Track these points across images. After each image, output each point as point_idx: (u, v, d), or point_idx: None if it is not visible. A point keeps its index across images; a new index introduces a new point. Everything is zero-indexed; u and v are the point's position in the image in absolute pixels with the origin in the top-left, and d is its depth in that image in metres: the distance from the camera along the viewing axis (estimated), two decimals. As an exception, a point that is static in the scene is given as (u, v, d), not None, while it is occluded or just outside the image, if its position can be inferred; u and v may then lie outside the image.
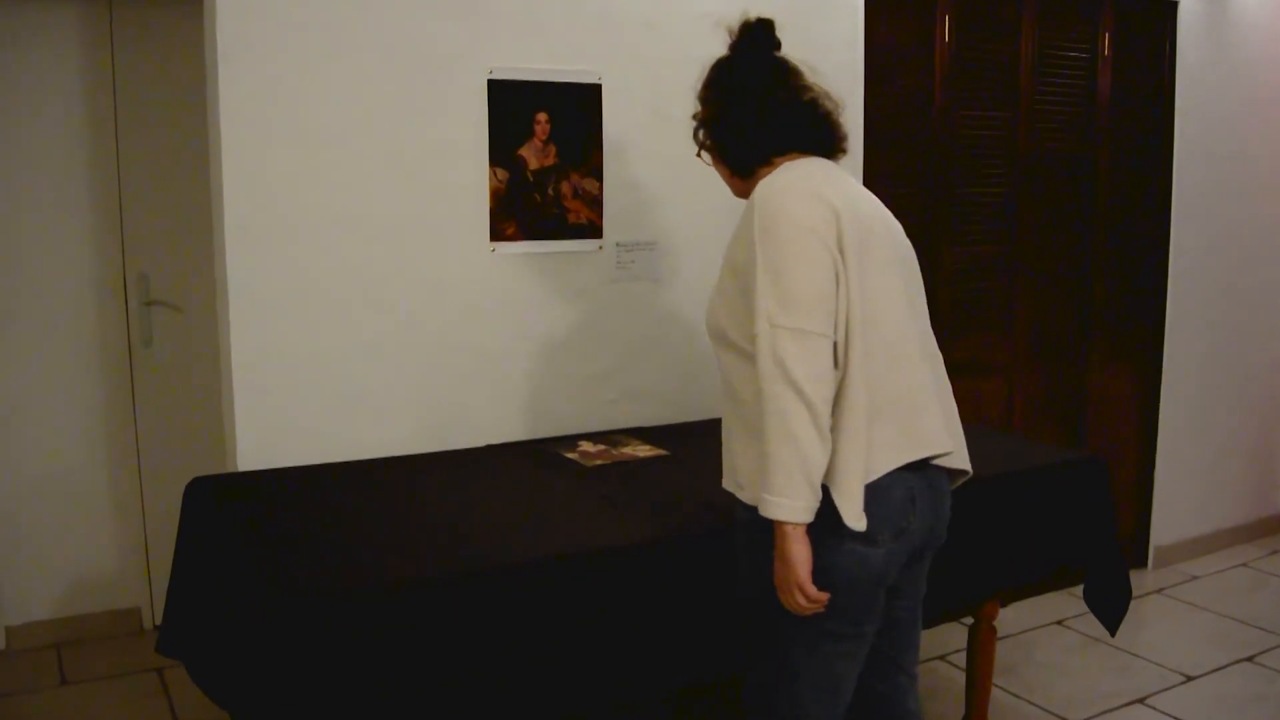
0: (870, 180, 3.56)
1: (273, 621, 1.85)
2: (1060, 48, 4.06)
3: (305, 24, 2.65)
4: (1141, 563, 4.55)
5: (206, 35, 2.64)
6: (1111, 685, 3.50)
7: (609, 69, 3.00)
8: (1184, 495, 4.60)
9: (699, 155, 2.17)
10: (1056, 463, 2.87)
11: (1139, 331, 4.45)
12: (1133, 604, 2.88)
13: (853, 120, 3.42)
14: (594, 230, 3.07)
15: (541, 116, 2.95)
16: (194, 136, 2.70)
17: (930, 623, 2.91)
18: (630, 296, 3.14)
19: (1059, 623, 3.98)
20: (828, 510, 1.84)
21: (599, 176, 3.05)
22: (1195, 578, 4.48)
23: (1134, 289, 4.41)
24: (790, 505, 1.80)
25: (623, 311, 3.14)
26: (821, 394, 1.81)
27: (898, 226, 2.06)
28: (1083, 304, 4.30)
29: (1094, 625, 3.76)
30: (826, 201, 1.88)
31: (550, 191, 2.99)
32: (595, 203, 3.06)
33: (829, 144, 2.09)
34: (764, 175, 2.00)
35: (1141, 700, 3.40)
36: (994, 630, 2.91)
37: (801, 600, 1.85)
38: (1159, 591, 4.34)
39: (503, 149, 2.91)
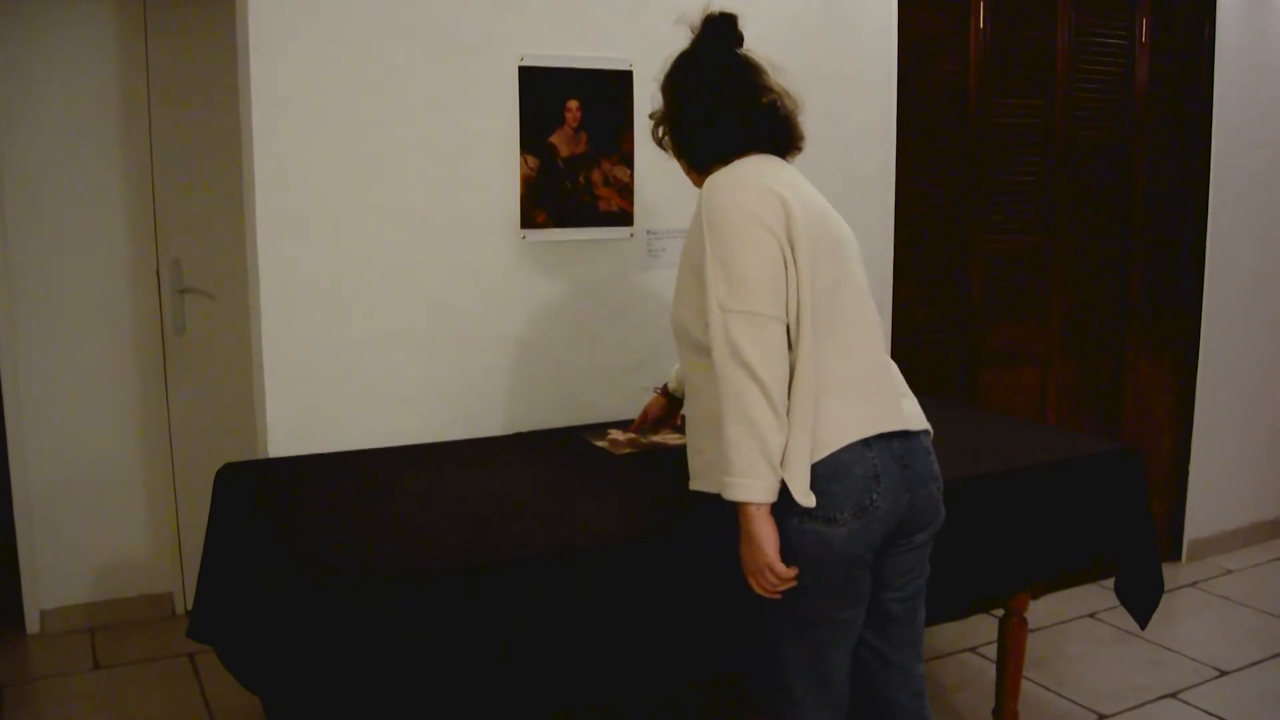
0: (903, 168, 3.54)
1: (301, 608, 1.85)
2: (1097, 34, 4.01)
3: (336, 12, 2.64)
4: (1175, 556, 4.50)
5: (238, 23, 2.64)
6: (1144, 679, 3.46)
7: (641, 56, 2.98)
8: (1219, 488, 4.54)
9: (659, 145, 2.19)
10: (1090, 454, 2.82)
11: (1175, 322, 4.40)
12: (1166, 597, 2.85)
13: (885, 108, 3.45)
14: (625, 218, 3.06)
15: (573, 104, 2.93)
16: (227, 122, 2.71)
17: (959, 614, 2.92)
18: (661, 284, 3.12)
19: (1091, 615, 3.95)
20: (784, 490, 1.86)
21: (630, 164, 3.04)
22: (1230, 571, 4.43)
23: (1171, 279, 4.36)
24: (751, 485, 1.83)
25: (654, 300, 3.12)
26: (775, 375, 1.84)
27: (841, 218, 2.07)
28: (1118, 293, 4.26)
29: (1127, 619, 3.78)
30: (773, 192, 1.92)
31: (581, 179, 2.98)
32: (626, 190, 3.04)
33: (786, 144, 2.11)
34: (717, 170, 2.03)
35: (1174, 695, 3.37)
36: (1025, 622, 2.88)
37: (772, 579, 1.87)
38: (1193, 585, 4.29)
39: (534, 136, 2.90)
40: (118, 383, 3.71)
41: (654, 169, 3.04)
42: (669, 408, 2.72)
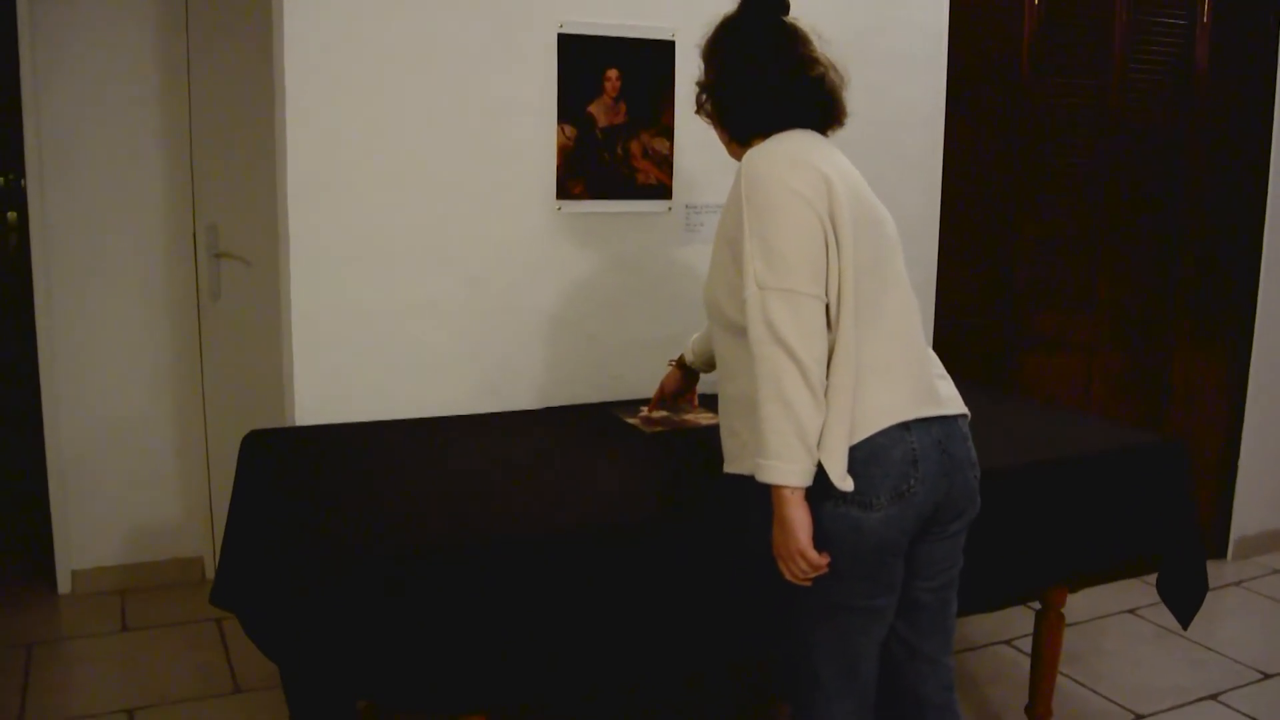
0: (951, 149, 3.46)
1: (321, 579, 1.84)
2: (1156, 13, 3.89)
3: (374, -26, 2.60)
4: (1221, 554, 4.39)
5: (273, -14, 2.60)
6: (1183, 679, 3.38)
7: (684, 25, 2.91)
8: (1269, 484, 4.42)
9: (697, 113, 2.13)
10: (1133, 445, 2.75)
11: (1228, 314, 4.28)
12: (1210, 596, 2.77)
13: (934, 84, 3.36)
14: (663, 191, 3.00)
15: (612, 73, 2.88)
16: (268, 85, 2.68)
17: (993, 606, 2.85)
18: (698, 260, 3.06)
19: (1131, 611, 3.86)
20: (819, 474, 1.81)
21: (670, 136, 2.97)
22: (1277, 571, 4.32)
23: (1224, 269, 4.24)
24: (786, 469, 1.78)
25: (690, 275, 3.06)
26: (814, 354, 1.78)
27: (878, 200, 2.02)
28: (1169, 283, 4.14)
29: (1168, 616, 3.61)
30: (815, 168, 1.86)
31: (619, 150, 2.92)
32: (665, 163, 2.99)
33: (829, 119, 2.04)
34: (757, 144, 1.97)
35: (1214, 696, 3.28)
36: (1062, 617, 2.81)
37: (804, 565, 1.82)
38: (1238, 584, 4.19)
39: (572, 105, 2.84)
40: (152, 346, 3.71)
41: (694, 142, 2.98)
42: (685, 381, 2.68)
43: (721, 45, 2.06)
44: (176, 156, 3.64)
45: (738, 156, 2.06)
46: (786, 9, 2.05)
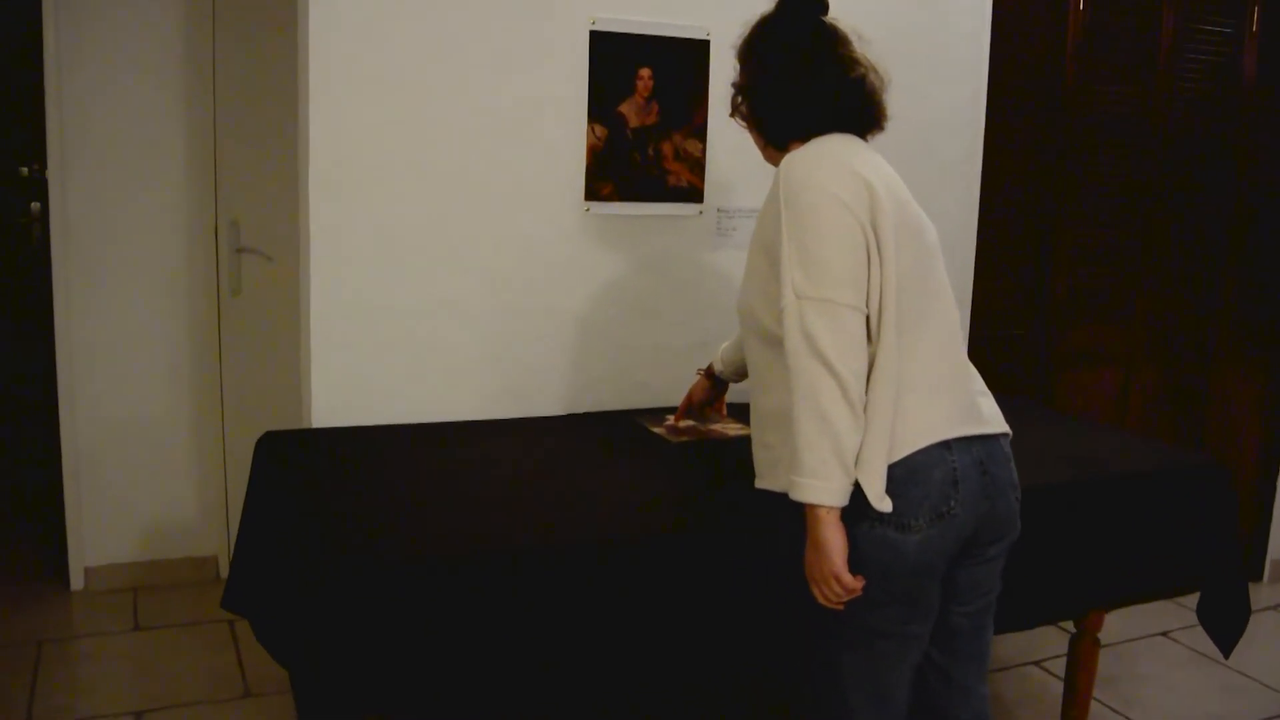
0: (989, 155, 3.38)
1: (334, 585, 1.79)
2: (1203, 21, 3.79)
3: (402, -34, 2.54)
4: (1257, 576, 4.29)
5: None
6: (1218, 706, 3.28)
7: (718, 24, 2.84)
8: (1308, 506, 4.31)
9: (732, 116, 2.05)
10: (1177, 466, 2.67)
11: (1267, 329, 4.18)
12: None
13: (975, 89, 3.28)
14: (695, 194, 2.93)
15: (645, 72, 2.80)
16: (292, 81, 2.64)
17: (1028, 625, 2.75)
18: (729, 265, 2.99)
19: (1165, 634, 3.76)
20: (856, 492, 1.74)
21: (703, 138, 2.90)
22: (1316, 595, 4.21)
23: (1266, 285, 4.14)
24: (822, 487, 1.71)
25: (721, 281, 2.99)
26: (853, 368, 1.71)
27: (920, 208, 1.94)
28: (1210, 297, 4.05)
29: (1202, 640, 3.54)
30: (857, 173, 1.79)
31: (650, 151, 2.85)
32: (697, 165, 2.91)
33: (870, 123, 1.96)
34: (795, 148, 1.89)
35: (1252, 725, 3.18)
36: (1097, 643, 2.73)
37: (837, 589, 1.74)
38: (1275, 608, 4.08)
39: (602, 105, 2.78)
40: (171, 342, 3.67)
41: (728, 144, 2.91)
42: (713, 391, 2.62)
43: (759, 46, 1.99)
44: (200, 150, 3.59)
45: (774, 161, 1.99)
46: (826, 8, 1.98)
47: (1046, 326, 3.75)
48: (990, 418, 1.91)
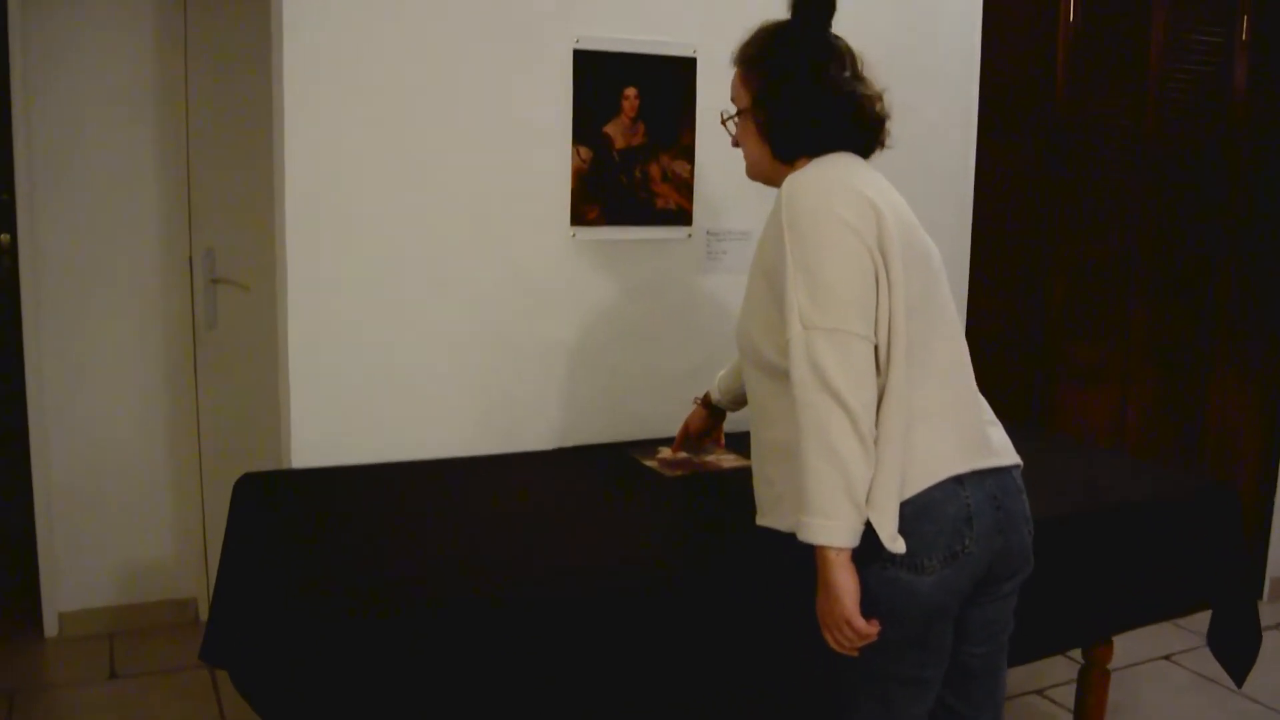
0: (982, 171, 3.31)
1: (316, 637, 1.72)
2: (1192, 30, 3.74)
3: (376, -12, 2.46)
4: (1257, 594, 4.21)
5: (272, 1, 2.46)
6: (1229, 732, 3.21)
7: (705, 42, 2.77)
8: (1309, 521, 4.25)
9: (725, 123, 1.97)
10: (1184, 491, 2.61)
11: (1265, 343, 4.13)
12: None
13: (966, 102, 3.21)
14: (683, 217, 2.85)
15: (630, 92, 2.73)
16: (267, 104, 2.56)
17: (1034, 658, 2.68)
18: (721, 289, 2.92)
19: (1167, 658, 3.69)
20: (866, 532, 1.65)
21: (691, 159, 2.82)
22: (1320, 612, 4.15)
23: (1262, 297, 4.09)
24: (832, 527, 1.62)
25: (712, 306, 2.92)
26: (863, 401, 1.63)
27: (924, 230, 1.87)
28: (1205, 311, 4.00)
29: (1206, 663, 3.47)
30: (864, 197, 1.71)
31: (637, 173, 2.77)
32: (686, 187, 2.83)
33: (876, 142, 1.89)
34: (799, 167, 1.82)
35: (1264, 752, 3.11)
36: (1107, 674, 2.67)
37: (850, 635, 1.66)
38: (1277, 626, 4.01)
39: (587, 126, 2.69)
40: (145, 377, 3.56)
41: (716, 165, 2.84)
42: (711, 420, 2.53)
43: (777, 54, 1.88)
44: (173, 178, 3.50)
45: (763, 178, 1.93)
46: (832, 14, 1.90)
47: (1043, 342, 3.68)
48: (1001, 448, 1.84)
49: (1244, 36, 3.82)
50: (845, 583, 1.64)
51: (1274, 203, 4.04)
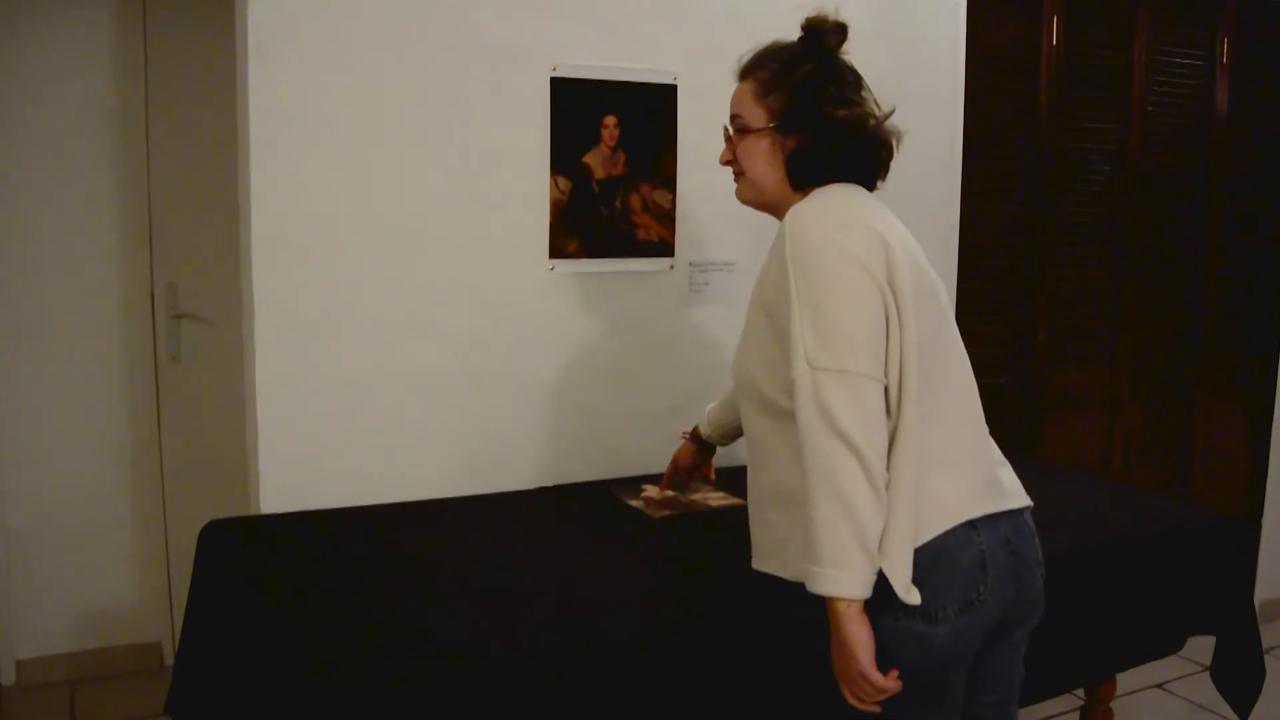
0: (968, 195, 3.25)
1: (287, 695, 1.65)
2: (1174, 52, 3.72)
3: (346, 15, 2.37)
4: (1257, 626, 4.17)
5: (237, 27, 2.37)
6: (1226, 764, 3.14)
7: (686, 68, 2.71)
8: (1295, 546, 4.22)
9: (729, 139, 1.87)
10: (1184, 523, 2.55)
11: (1249, 367, 4.10)
12: None
13: (951, 127, 3.14)
14: (665, 248, 2.77)
15: (610, 120, 2.65)
16: (233, 134, 2.47)
17: (1034, 700, 2.61)
18: (705, 322, 2.85)
19: (1159, 686, 3.62)
20: (877, 582, 1.58)
21: (672, 188, 2.75)
22: (1308, 637, 4.10)
23: (1246, 321, 4.07)
24: (844, 578, 1.54)
25: (695, 339, 2.84)
26: (875, 445, 1.55)
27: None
28: (1191, 336, 3.97)
29: (1199, 690, 3.49)
30: (873, 230, 1.64)
31: (618, 204, 2.69)
32: (667, 217, 2.76)
33: (882, 172, 1.83)
34: (805, 195, 1.75)
35: (1262, 785, 3.04)
36: (1111, 713, 2.59)
37: (869, 690, 1.58)
38: (1266, 651, 3.95)
39: (566, 156, 2.62)
40: (106, 414, 3.45)
41: (698, 194, 2.77)
42: (700, 455, 2.44)
43: (801, 76, 1.78)
44: (133, 209, 3.40)
45: (763, 203, 1.84)
46: (846, 38, 1.83)
47: (1030, 371, 3.63)
48: (1012, 490, 1.77)
49: (1224, 59, 3.79)
50: (859, 636, 1.56)
51: (1255, 225, 4.02)
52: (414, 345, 2.54)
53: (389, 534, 2.30)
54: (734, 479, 2.58)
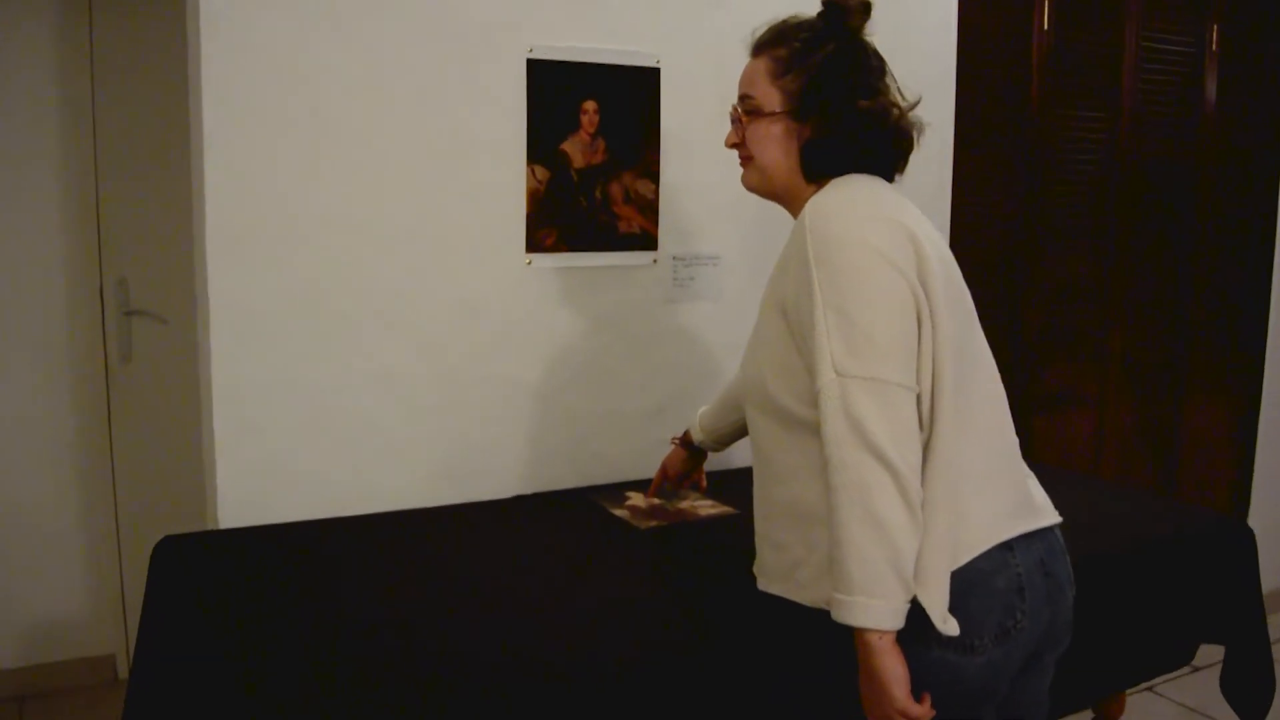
0: (957, 186, 3.14)
1: None
2: (1162, 40, 3.62)
3: (306, -8, 2.22)
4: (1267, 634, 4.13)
5: (188, 6, 2.21)
6: (1222, 768, 3.07)
7: (670, 50, 2.58)
8: (1281, 544, 4.16)
9: (736, 120, 1.72)
10: (1192, 530, 2.45)
11: (1239, 363, 4.03)
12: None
13: (943, 115, 3.02)
14: (648, 241, 2.64)
15: (589, 105, 2.51)
16: (184, 121, 2.33)
17: None
18: (690, 319, 2.73)
19: (1149, 689, 3.55)
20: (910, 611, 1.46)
21: (655, 178, 2.62)
22: (1296, 634, 4.05)
23: (1235, 315, 4.00)
24: (877, 608, 1.42)
25: (680, 337, 2.72)
26: (910, 461, 1.43)
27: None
28: (1180, 330, 3.89)
29: (1189, 693, 3.44)
30: (901, 225, 1.52)
31: (598, 194, 2.56)
32: (650, 208, 2.62)
33: (903, 162, 1.71)
34: (820, 187, 1.61)
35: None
36: (1119, 731, 2.48)
37: None
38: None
39: (543, 143, 2.48)
40: (53, 418, 3.30)
41: (683, 184, 2.64)
42: (691, 461, 2.31)
43: (823, 58, 1.65)
44: (80, 200, 3.24)
45: (771, 191, 1.71)
46: (868, 18, 1.71)
47: (1018, 368, 3.53)
48: (1043, 506, 1.66)
49: (1214, 46, 3.71)
50: (893, 669, 1.43)
51: (1245, 222, 3.95)
52: (383, 345, 2.39)
53: (358, 550, 2.15)
54: (724, 485, 2.47)
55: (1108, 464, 3.80)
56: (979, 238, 3.34)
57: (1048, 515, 1.65)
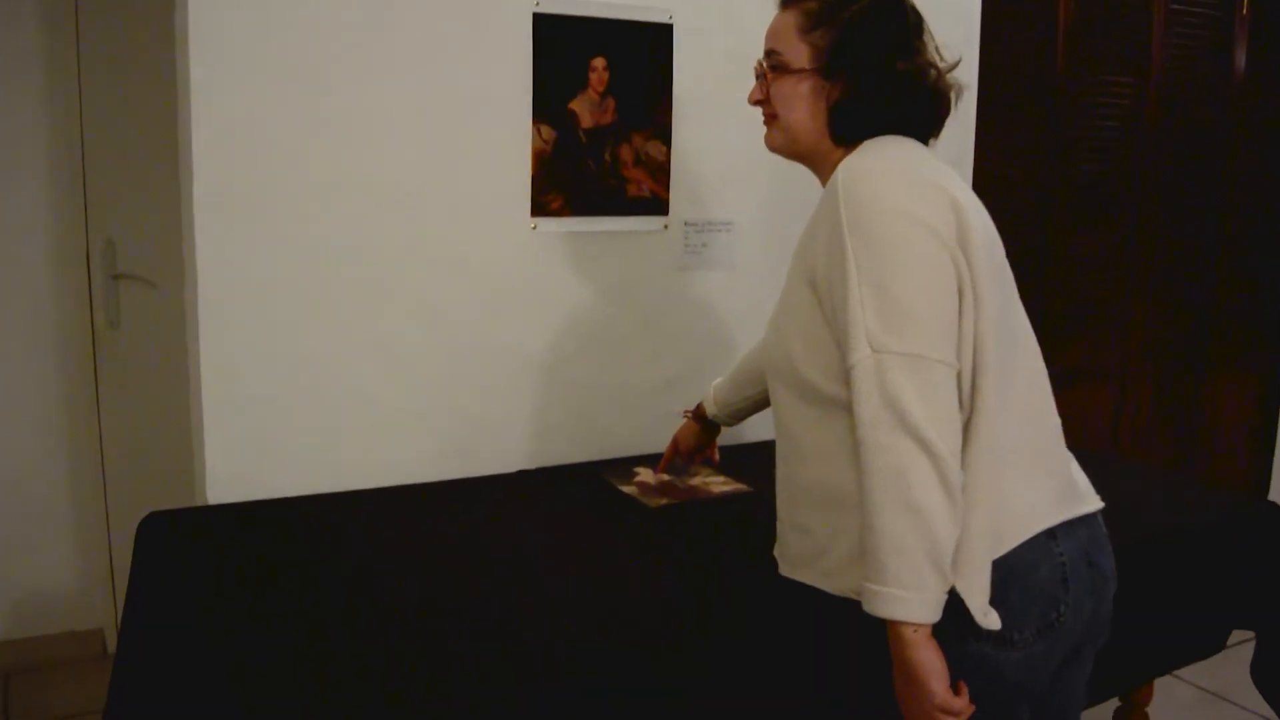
0: (980, 155, 3.05)
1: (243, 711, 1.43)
2: (1191, 3, 3.51)
3: (302, -63, 2.11)
4: None
5: (176, -50, 2.11)
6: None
7: (683, 5, 2.48)
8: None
9: (761, 76, 1.63)
10: (1225, 513, 2.37)
11: (1261, 340, 3.96)
12: (1244, 648, 2.42)
13: (967, 79, 2.90)
14: (659, 206, 2.55)
15: (598, 63, 2.41)
16: (171, 79, 2.26)
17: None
18: (701, 287, 2.64)
19: (1170, 673, 3.48)
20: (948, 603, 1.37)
21: (667, 139, 2.53)
22: (1318, 617, 3.99)
23: (1261, 290, 3.91)
24: (912, 600, 1.33)
25: (691, 306, 2.64)
26: (951, 443, 1.34)
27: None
28: (1204, 304, 3.82)
29: (1209, 676, 3.35)
30: (942, 190, 1.41)
31: (607, 157, 2.46)
32: (661, 171, 2.53)
33: (940, 125, 1.61)
34: (851, 150, 1.51)
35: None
36: (1147, 717, 2.41)
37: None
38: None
39: (550, 102, 2.38)
40: (38, 386, 3.22)
41: (695, 146, 2.55)
42: (704, 436, 2.22)
43: (858, 12, 1.54)
44: (65, 163, 3.15)
45: (798, 153, 1.61)
46: None
47: (1042, 343, 3.45)
48: (1086, 491, 1.57)
49: (1244, 9, 3.61)
50: (931, 663, 1.35)
51: (1274, 194, 3.85)
52: (381, 313, 2.31)
53: (351, 527, 2.07)
54: (739, 460, 2.38)
55: (1126, 439, 3.74)
56: (1001, 207, 3.23)
57: (1090, 501, 1.56)
